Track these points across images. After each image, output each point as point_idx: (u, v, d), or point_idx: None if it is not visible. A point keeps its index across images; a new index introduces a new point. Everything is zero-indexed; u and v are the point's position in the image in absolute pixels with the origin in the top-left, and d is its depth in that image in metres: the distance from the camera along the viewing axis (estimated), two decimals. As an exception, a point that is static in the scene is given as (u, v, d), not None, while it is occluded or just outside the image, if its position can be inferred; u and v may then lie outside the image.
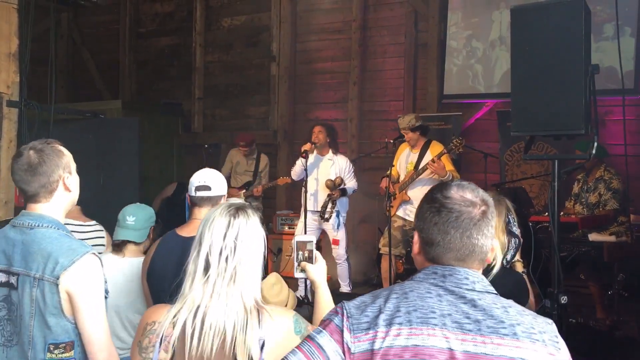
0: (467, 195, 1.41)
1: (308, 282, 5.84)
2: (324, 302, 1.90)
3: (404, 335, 1.29)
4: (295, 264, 1.96)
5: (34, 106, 5.14)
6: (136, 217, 2.95)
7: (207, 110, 9.24)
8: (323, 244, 6.46)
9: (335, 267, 6.23)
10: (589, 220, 5.16)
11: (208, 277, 1.57)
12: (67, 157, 2.03)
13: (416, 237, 1.46)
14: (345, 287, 6.11)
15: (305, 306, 5.53)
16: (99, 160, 5.89)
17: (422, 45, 7.66)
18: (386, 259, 5.59)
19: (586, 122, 2.94)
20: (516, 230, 2.61)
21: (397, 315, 1.31)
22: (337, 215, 5.95)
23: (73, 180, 2.04)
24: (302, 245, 1.96)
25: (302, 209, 5.90)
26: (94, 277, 1.88)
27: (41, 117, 5.27)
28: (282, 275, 2.75)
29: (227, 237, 1.59)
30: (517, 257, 2.64)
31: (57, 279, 1.83)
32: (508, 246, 2.51)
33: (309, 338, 1.39)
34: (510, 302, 1.39)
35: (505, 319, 1.31)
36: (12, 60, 5.02)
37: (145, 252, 2.98)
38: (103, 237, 3.49)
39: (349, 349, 1.32)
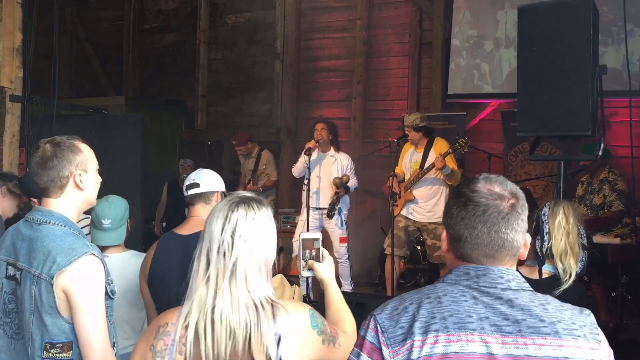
0: (494, 188, 1.35)
1: (309, 280, 5.84)
2: (336, 301, 1.84)
3: (442, 343, 1.23)
4: (302, 262, 1.87)
5: (37, 101, 5.14)
6: (111, 219, 2.85)
7: (211, 108, 9.22)
8: (324, 243, 6.43)
9: (337, 266, 6.22)
10: (593, 222, 5.13)
11: (209, 274, 1.52)
12: (84, 155, 1.99)
13: (444, 235, 1.41)
14: (346, 286, 6.08)
15: (307, 304, 5.52)
16: (102, 156, 5.86)
17: (427, 44, 7.63)
18: (389, 259, 5.57)
19: (593, 124, 2.92)
20: (586, 242, 2.59)
21: (432, 322, 1.25)
22: (339, 213, 5.94)
23: (87, 179, 1.98)
24: (308, 242, 1.87)
25: (304, 206, 5.88)
26: (91, 278, 1.85)
27: (44, 112, 5.27)
28: (286, 274, 2.73)
29: (224, 231, 1.53)
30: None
31: (52, 278, 1.80)
32: (579, 258, 2.51)
33: None
34: (548, 297, 1.34)
35: (545, 317, 1.26)
36: (15, 55, 5.02)
37: (125, 245, 2.97)
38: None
39: None
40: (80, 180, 1.96)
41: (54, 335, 1.83)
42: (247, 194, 1.64)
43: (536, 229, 2.59)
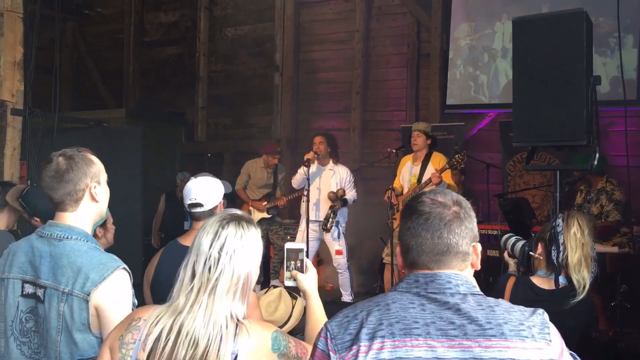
0: (438, 198, 1.41)
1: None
2: (317, 314, 1.86)
3: (387, 349, 1.26)
4: (286, 272, 1.89)
5: (38, 114, 5.17)
6: None
7: (211, 120, 9.27)
8: (323, 255, 6.45)
9: (337, 277, 6.22)
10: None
11: (192, 286, 1.56)
12: (97, 167, 1.98)
13: (398, 249, 1.46)
14: (347, 297, 6.10)
15: (303, 315, 5.52)
16: (103, 169, 5.90)
17: (425, 55, 7.69)
18: (389, 269, 5.58)
19: (588, 133, 2.94)
20: (595, 254, 2.63)
21: (379, 329, 1.28)
22: (337, 226, 5.97)
23: (101, 191, 1.98)
24: (292, 253, 1.89)
25: (303, 218, 5.91)
26: (123, 293, 1.84)
27: (45, 125, 5.30)
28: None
29: (212, 247, 1.56)
30: None
31: (88, 295, 1.78)
32: (591, 270, 2.56)
33: None
34: (499, 300, 1.36)
35: (492, 319, 1.29)
36: (17, 69, 5.06)
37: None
38: None
39: None
40: (95, 192, 1.95)
41: (84, 351, 1.80)
42: (239, 212, 1.67)
43: (550, 240, 2.61)
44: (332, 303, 6.06)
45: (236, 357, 1.51)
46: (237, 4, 9.04)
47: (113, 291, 1.81)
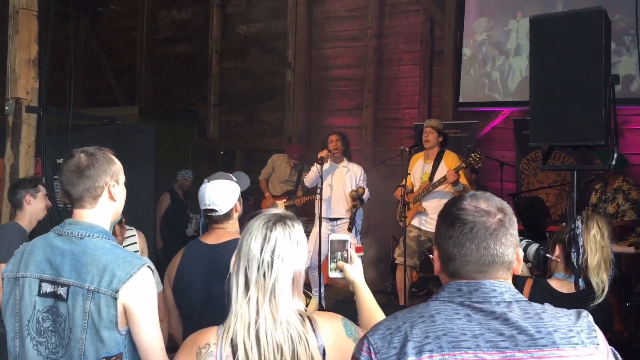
0: (481, 205, 1.35)
1: (322, 289, 5.84)
2: (369, 304, 1.84)
3: None
4: (331, 264, 1.86)
5: (52, 112, 5.19)
6: None
7: (223, 117, 9.29)
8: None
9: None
10: (606, 231, 5.10)
11: (250, 292, 1.55)
12: (117, 167, 2.00)
13: (436, 254, 1.42)
14: (359, 295, 6.07)
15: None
16: (116, 166, 5.92)
17: (438, 52, 7.65)
18: (401, 269, 5.56)
19: (606, 133, 2.91)
20: (613, 257, 2.63)
21: (426, 342, 1.24)
22: (354, 224, 5.95)
23: (119, 190, 1.99)
24: (338, 244, 1.85)
25: (317, 216, 5.90)
26: (150, 290, 1.85)
27: (59, 122, 5.33)
28: None
29: (264, 251, 1.56)
30: None
31: (116, 292, 1.78)
32: (609, 273, 2.55)
33: None
34: (545, 306, 1.33)
35: (541, 328, 1.25)
36: (31, 67, 5.07)
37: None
38: (136, 243, 3.45)
39: None
40: (114, 191, 1.96)
41: (110, 348, 1.80)
42: (280, 211, 1.66)
43: (570, 242, 2.60)
44: (346, 302, 6.05)
45: (324, 350, 1.53)
46: (249, 1, 9.04)
47: (140, 288, 1.81)
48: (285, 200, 6.85)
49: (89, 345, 1.79)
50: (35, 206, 3.67)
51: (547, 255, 2.73)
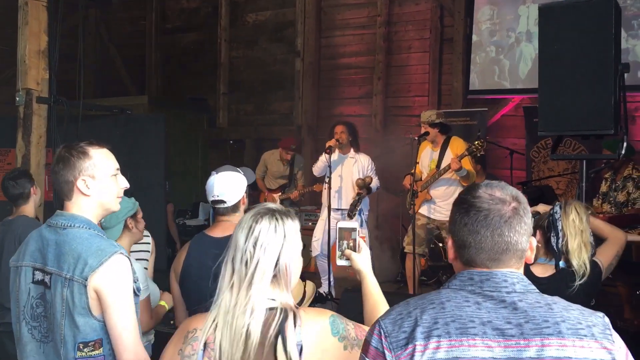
0: (496, 193, 1.36)
1: (332, 278, 5.87)
2: (374, 294, 1.83)
3: (444, 348, 1.25)
4: (338, 251, 1.86)
5: (63, 103, 5.22)
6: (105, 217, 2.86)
7: (232, 106, 9.29)
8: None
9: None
10: (617, 220, 5.06)
11: (233, 282, 1.58)
12: (92, 161, 1.99)
13: (450, 243, 1.43)
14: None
15: (328, 302, 5.55)
16: (126, 156, 5.95)
17: (448, 40, 7.59)
18: (410, 258, 5.57)
19: (615, 122, 2.89)
20: (592, 240, 2.74)
21: (435, 328, 1.27)
22: (360, 214, 5.95)
23: (95, 184, 2.00)
24: (345, 232, 1.85)
25: (324, 207, 5.90)
26: (121, 277, 1.90)
27: (70, 113, 5.36)
28: (308, 271, 2.74)
29: (247, 241, 1.59)
30: None
31: (86, 280, 1.85)
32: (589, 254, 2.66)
33: None
34: (556, 298, 1.34)
35: (549, 317, 1.26)
36: (41, 58, 5.10)
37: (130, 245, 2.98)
38: (149, 244, 3.45)
39: None
40: (86, 185, 1.98)
41: (86, 334, 1.88)
42: (274, 206, 1.68)
43: (549, 227, 2.67)
44: (355, 291, 6.07)
45: (302, 347, 1.53)
46: (258, -11, 9.02)
47: (111, 275, 1.87)
48: (280, 194, 6.89)
49: (67, 330, 1.88)
50: (37, 196, 3.80)
51: None
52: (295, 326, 1.54)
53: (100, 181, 2.01)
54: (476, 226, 1.34)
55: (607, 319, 1.32)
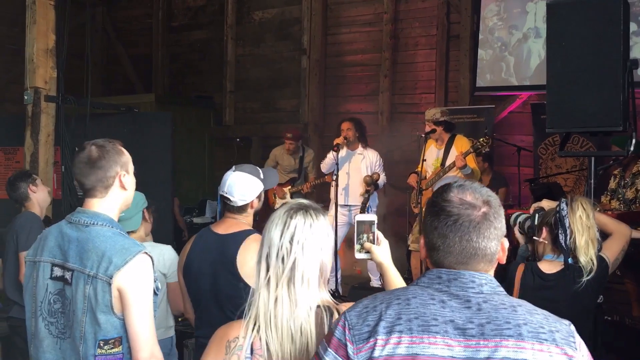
0: (466, 197, 1.37)
1: (339, 275, 5.87)
2: (397, 284, 1.84)
3: (404, 344, 1.26)
4: (357, 245, 1.85)
5: (71, 101, 5.25)
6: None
7: (239, 104, 9.30)
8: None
9: (367, 261, 6.22)
10: (625, 217, 5.04)
11: (269, 279, 1.57)
12: (126, 157, 2.10)
13: (422, 242, 1.44)
14: (375, 282, 6.10)
15: (335, 300, 5.55)
16: (133, 154, 5.97)
17: (454, 37, 7.57)
18: (415, 256, 5.57)
19: (624, 119, 2.88)
20: (599, 236, 2.75)
21: (398, 323, 1.28)
22: (368, 210, 5.95)
23: (129, 180, 2.09)
24: (364, 225, 1.84)
25: (332, 203, 5.90)
26: (145, 276, 1.93)
27: (78, 111, 5.39)
28: None
29: (283, 237, 1.58)
30: None
31: (111, 278, 1.88)
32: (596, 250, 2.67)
33: (316, 355, 1.38)
34: (522, 301, 1.34)
35: (511, 319, 1.26)
36: (49, 56, 5.13)
37: (146, 235, 3.10)
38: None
39: None
40: (124, 180, 2.06)
41: (107, 332, 1.90)
42: (305, 202, 1.68)
43: (555, 224, 2.67)
44: (362, 288, 6.08)
45: None
46: (264, -13, 9.01)
47: (135, 274, 1.91)
48: (290, 187, 6.82)
49: (88, 327, 1.90)
50: (39, 193, 3.85)
51: (534, 237, 2.82)
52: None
53: (131, 176, 2.10)
54: (445, 230, 1.35)
55: (572, 327, 1.32)
